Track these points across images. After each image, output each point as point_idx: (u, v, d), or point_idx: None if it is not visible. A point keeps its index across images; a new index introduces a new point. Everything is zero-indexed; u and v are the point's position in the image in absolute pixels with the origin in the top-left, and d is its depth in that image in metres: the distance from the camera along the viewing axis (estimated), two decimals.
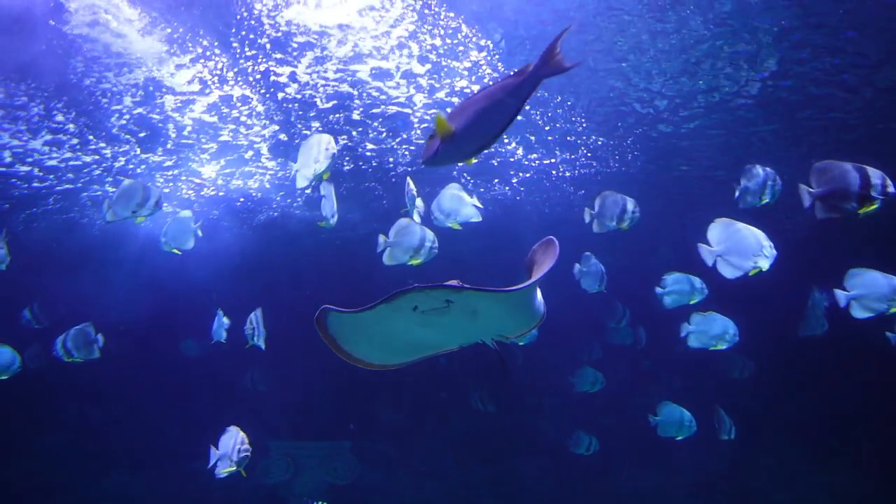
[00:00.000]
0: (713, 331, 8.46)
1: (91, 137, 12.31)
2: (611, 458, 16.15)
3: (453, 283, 3.78)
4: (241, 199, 15.81)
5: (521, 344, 11.86)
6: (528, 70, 3.35)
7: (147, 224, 9.11)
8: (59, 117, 11.51)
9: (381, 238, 8.15)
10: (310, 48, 10.04)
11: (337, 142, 6.72)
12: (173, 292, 18.06)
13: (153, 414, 18.34)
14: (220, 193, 15.31)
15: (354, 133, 12.60)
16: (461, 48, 9.87)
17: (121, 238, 16.62)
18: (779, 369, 15.61)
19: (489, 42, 9.63)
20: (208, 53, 9.98)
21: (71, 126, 11.83)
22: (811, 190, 5.78)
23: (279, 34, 9.61)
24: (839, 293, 7.16)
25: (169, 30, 9.41)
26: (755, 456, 15.71)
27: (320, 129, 12.28)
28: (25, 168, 13.38)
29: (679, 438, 10.06)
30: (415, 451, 18.12)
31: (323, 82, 10.91)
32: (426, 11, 9.00)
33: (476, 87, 10.84)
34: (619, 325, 14.39)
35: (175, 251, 9.29)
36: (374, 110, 11.75)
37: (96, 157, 13.21)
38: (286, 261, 19.34)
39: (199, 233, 9.47)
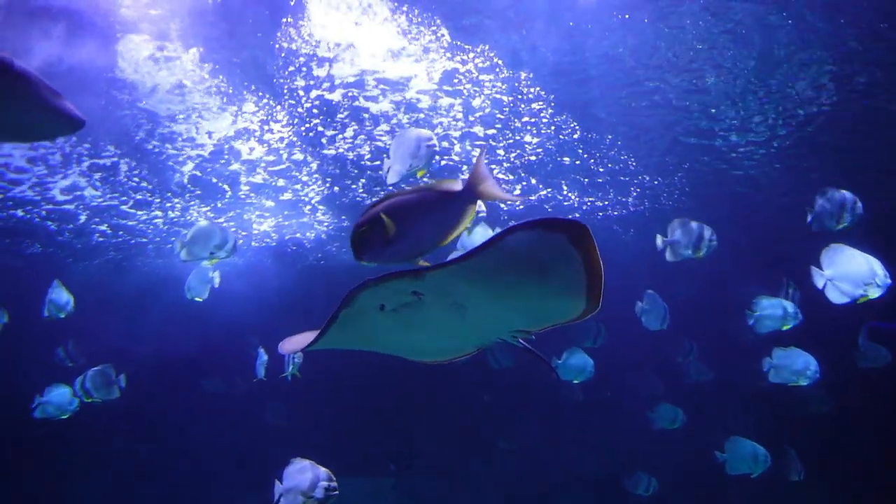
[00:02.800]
0: (795, 366, 8.30)
1: (168, 194, 12.91)
2: (666, 498, 15.78)
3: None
4: (294, 248, 16.20)
5: (576, 382, 11.77)
6: (457, 191, 3.07)
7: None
8: (136, 178, 12.20)
9: None
10: (357, 122, 10.52)
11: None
12: (216, 330, 18.34)
13: (199, 451, 18.42)
14: (273, 244, 15.74)
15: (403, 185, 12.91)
16: (522, 105, 10.17)
17: (171, 278, 17.05)
18: (850, 405, 15.19)
19: (542, 90, 9.89)
20: (276, 117, 10.48)
21: (146, 184, 12.46)
22: None
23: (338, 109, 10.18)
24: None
25: (239, 98, 9.91)
26: (820, 497, 15.24)
27: (365, 182, 12.66)
28: (103, 227, 14.02)
29: (754, 476, 9.76)
30: (459, 487, 17.87)
31: (368, 150, 11.36)
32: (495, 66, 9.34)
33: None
34: (686, 359, 14.16)
35: (197, 299, 9.69)
36: None
37: (175, 214, 13.93)
38: (329, 300, 19.55)
39: (217, 283, 9.75)
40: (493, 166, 12.05)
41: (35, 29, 8.04)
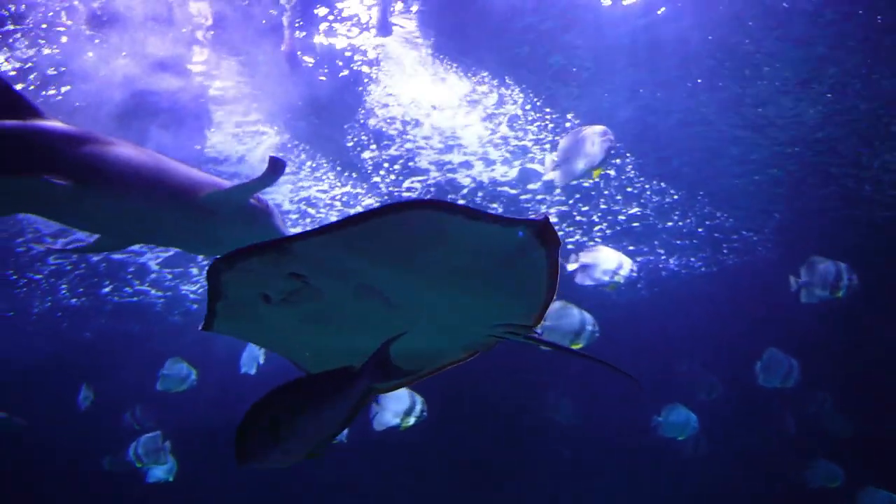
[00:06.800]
0: None
1: None
2: None
3: None
4: None
5: (680, 439, 11.28)
6: (353, 374, 2.45)
7: None
8: None
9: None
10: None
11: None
12: None
13: None
14: None
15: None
16: (621, 179, 10.33)
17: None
18: None
19: (629, 153, 9.95)
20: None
21: None
22: None
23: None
24: None
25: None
26: None
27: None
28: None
29: None
30: None
31: None
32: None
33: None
34: (821, 408, 13.48)
35: (251, 373, 10.43)
36: None
37: None
38: None
39: (262, 360, 10.40)
40: (591, 242, 12.06)
41: (146, 126, 8.69)
